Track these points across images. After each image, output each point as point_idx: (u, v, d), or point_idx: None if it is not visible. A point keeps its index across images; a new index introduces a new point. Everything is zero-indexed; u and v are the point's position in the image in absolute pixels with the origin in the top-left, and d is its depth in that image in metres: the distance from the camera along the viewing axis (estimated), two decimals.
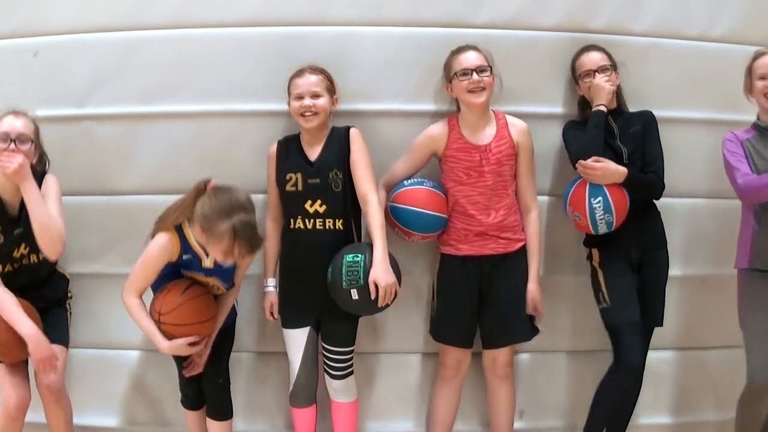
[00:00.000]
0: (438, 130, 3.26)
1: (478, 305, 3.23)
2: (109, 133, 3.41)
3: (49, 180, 3.13)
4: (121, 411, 3.51)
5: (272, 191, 3.26)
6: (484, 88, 3.16)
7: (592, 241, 3.33)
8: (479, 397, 3.50)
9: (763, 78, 3.15)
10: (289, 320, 3.22)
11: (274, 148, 3.26)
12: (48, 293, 3.19)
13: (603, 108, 3.19)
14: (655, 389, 3.50)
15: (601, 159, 3.13)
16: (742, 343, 3.18)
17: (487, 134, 3.23)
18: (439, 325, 3.31)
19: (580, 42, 3.38)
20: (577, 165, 3.16)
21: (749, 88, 3.22)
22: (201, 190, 2.90)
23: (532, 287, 3.24)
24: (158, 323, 2.95)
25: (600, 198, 3.12)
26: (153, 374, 3.47)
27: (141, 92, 3.39)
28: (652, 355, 3.35)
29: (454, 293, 3.24)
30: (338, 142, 3.19)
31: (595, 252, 3.30)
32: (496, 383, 3.35)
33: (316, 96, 3.15)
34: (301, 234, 3.16)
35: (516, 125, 3.28)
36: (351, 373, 3.24)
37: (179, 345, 2.95)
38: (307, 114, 3.15)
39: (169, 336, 2.94)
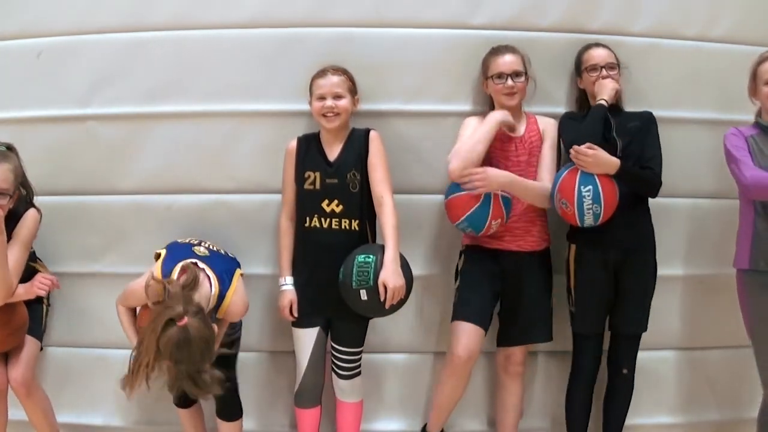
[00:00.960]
0: (478, 120, 3.28)
1: (500, 293, 3.25)
2: (111, 133, 3.42)
3: (28, 218, 3.05)
4: (122, 410, 3.51)
5: (288, 188, 3.25)
6: (516, 92, 3.23)
7: (573, 236, 3.30)
8: (486, 397, 3.52)
9: None
10: (300, 319, 3.20)
11: (293, 143, 3.25)
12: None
13: (604, 102, 3.20)
14: (655, 389, 3.51)
15: (595, 146, 3.11)
16: (742, 344, 3.18)
17: (521, 128, 3.30)
18: (457, 304, 3.28)
19: (579, 43, 3.39)
20: (570, 150, 3.14)
21: (753, 91, 3.20)
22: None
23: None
24: (138, 330, 3.01)
25: (590, 186, 3.08)
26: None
27: (143, 93, 3.40)
28: (652, 355, 3.38)
29: (476, 273, 3.25)
30: (357, 143, 3.19)
31: (573, 248, 3.29)
32: (507, 381, 3.36)
33: (338, 97, 3.16)
34: (317, 233, 3.16)
35: (544, 119, 3.35)
36: (359, 373, 3.25)
37: None
38: (328, 115, 3.15)
39: None
